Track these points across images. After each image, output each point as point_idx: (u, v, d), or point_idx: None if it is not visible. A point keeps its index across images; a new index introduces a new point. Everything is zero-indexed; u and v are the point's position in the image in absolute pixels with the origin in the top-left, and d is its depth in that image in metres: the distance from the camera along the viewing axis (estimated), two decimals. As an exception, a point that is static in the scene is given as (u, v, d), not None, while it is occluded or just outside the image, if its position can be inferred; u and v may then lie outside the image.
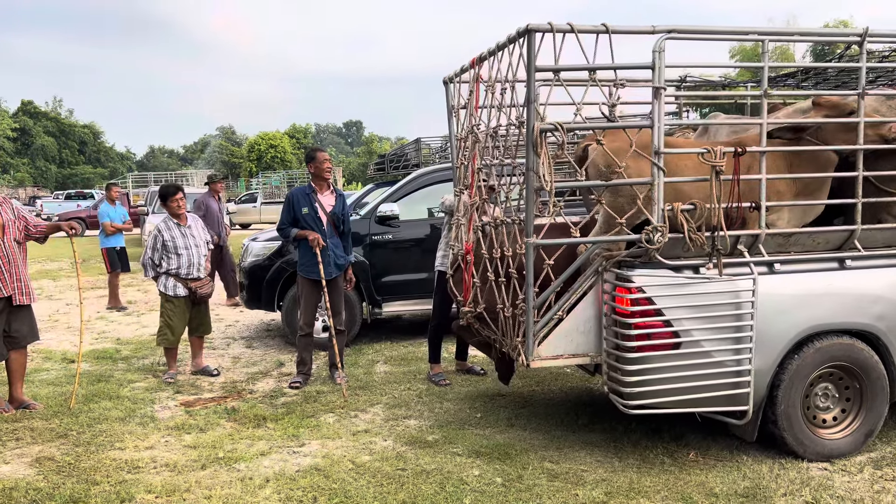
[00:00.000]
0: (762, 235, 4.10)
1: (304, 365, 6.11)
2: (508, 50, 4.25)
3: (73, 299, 10.87)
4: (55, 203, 35.72)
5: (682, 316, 3.97)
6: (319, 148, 6.33)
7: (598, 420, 4.98)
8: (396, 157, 14.10)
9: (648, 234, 3.90)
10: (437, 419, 5.12)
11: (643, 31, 3.93)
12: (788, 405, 4.12)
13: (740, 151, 4.02)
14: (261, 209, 28.33)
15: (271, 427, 5.00)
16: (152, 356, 7.18)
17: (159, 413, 5.37)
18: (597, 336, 4.16)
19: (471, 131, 5.06)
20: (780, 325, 4.08)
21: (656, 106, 3.90)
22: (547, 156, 3.91)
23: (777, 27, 17.24)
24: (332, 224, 6.02)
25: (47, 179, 70.14)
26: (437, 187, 7.76)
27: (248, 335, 8.29)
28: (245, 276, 7.80)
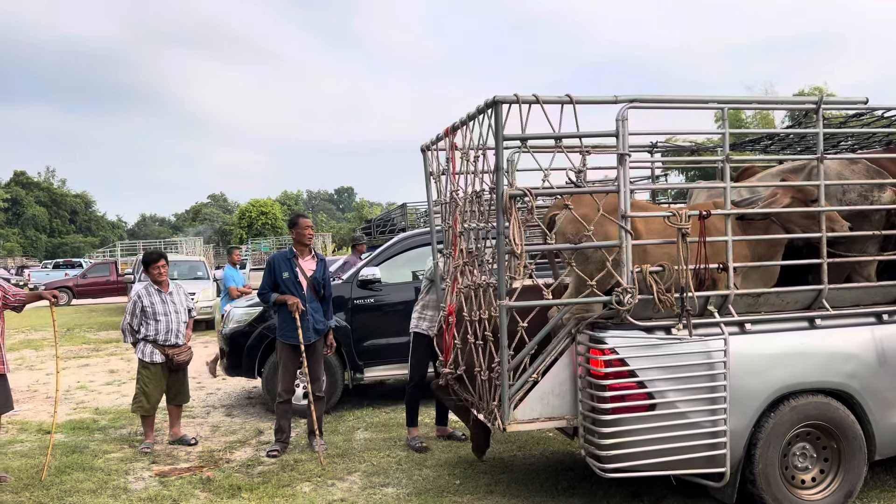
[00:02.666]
0: (731, 296, 4.16)
1: (282, 433, 6.02)
2: (478, 120, 4.41)
3: (53, 369, 10.73)
4: (43, 272, 35.59)
5: (656, 377, 3.98)
6: (302, 214, 6.42)
7: (578, 485, 4.91)
8: (383, 222, 14.28)
9: (619, 295, 3.96)
10: (416, 487, 5.04)
11: (606, 101, 4.10)
12: (766, 464, 4.10)
13: (705, 214, 4.13)
14: (249, 275, 28.27)
15: (246, 497, 4.90)
16: (130, 426, 7.07)
17: (133, 484, 5.26)
18: (573, 398, 4.15)
19: (450, 197, 5.18)
20: (754, 385, 4.10)
21: (621, 172, 4.03)
22: (517, 220, 4.00)
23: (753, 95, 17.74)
24: (312, 289, 6.05)
25: (37, 248, 70.11)
26: (420, 251, 7.84)
27: (229, 403, 8.19)
28: (226, 343, 7.75)
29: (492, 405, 4.19)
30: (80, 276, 26.19)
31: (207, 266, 18.79)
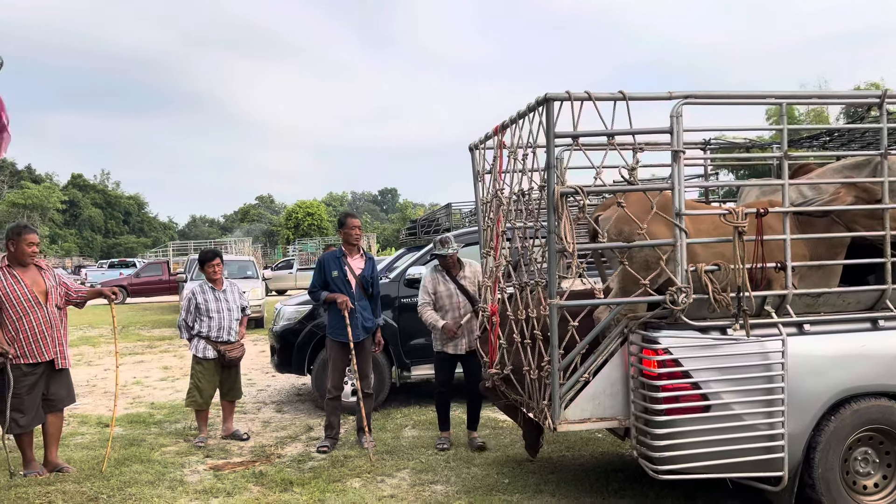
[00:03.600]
0: (789, 296, 4.06)
1: (332, 429, 6.10)
2: (529, 118, 4.39)
3: (111, 365, 11.08)
4: (99, 272, 36.79)
5: (711, 378, 3.91)
6: (351, 213, 6.49)
7: (629, 486, 4.85)
8: (427, 222, 14.32)
9: (673, 295, 3.90)
10: (464, 484, 5.05)
11: (660, 98, 4.04)
12: (826, 469, 3.98)
13: (762, 212, 4.03)
14: (296, 275, 28.74)
15: (297, 491, 4.98)
16: (184, 421, 7.25)
17: (188, 477, 5.39)
18: (624, 399, 4.10)
19: (495, 195, 5.17)
20: (814, 387, 3.98)
21: (676, 169, 3.96)
22: (568, 218, 3.97)
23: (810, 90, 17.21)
24: (360, 287, 6.12)
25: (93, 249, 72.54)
26: (466, 250, 7.85)
27: (279, 399, 8.33)
28: (276, 340, 7.90)
29: (542, 404, 4.16)
30: (134, 276, 26.97)
31: (257, 265, 19.16)
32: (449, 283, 5.94)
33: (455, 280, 5.95)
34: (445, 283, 5.96)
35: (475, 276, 5.93)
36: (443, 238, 6.00)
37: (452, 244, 5.95)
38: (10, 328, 5.15)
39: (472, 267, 6.00)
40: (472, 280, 5.95)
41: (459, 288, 5.92)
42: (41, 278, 5.35)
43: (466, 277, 5.96)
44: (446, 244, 5.93)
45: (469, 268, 6.00)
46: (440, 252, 5.93)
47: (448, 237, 6.03)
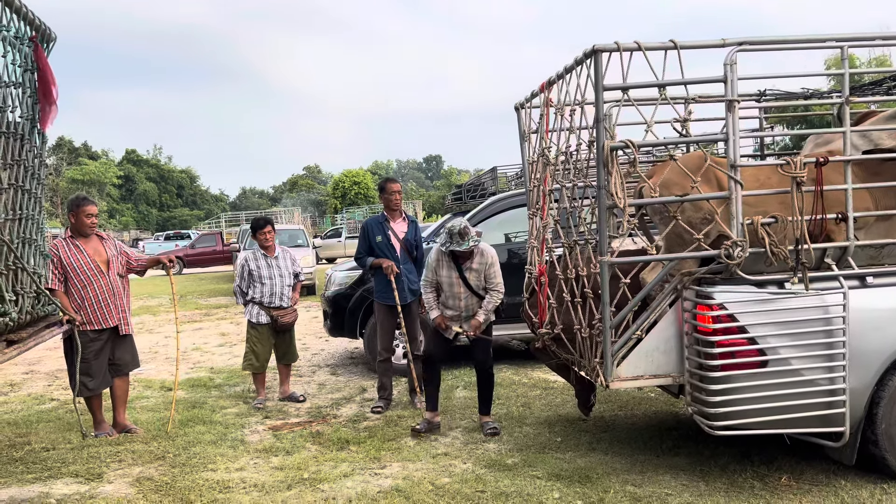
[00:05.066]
0: (851, 247, 3.92)
1: (385, 390, 6.21)
2: (576, 72, 4.30)
3: (171, 332, 11.48)
4: (156, 244, 37.89)
5: (768, 333, 3.82)
6: (391, 178, 6.51)
7: (683, 444, 4.82)
8: (473, 187, 14.26)
9: (728, 249, 3.81)
10: (517, 443, 5.09)
11: (713, 45, 3.90)
12: (890, 424, 3.88)
13: (822, 161, 3.88)
14: (345, 243, 29.12)
15: (354, 450, 5.10)
16: (243, 384, 7.48)
17: (249, 437, 5.58)
18: (678, 356, 4.05)
19: (541, 154, 5.10)
20: (877, 342, 3.87)
21: (730, 119, 3.84)
22: (619, 174, 3.90)
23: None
24: (405, 250, 6.16)
25: (149, 222, 74.72)
26: (512, 213, 7.81)
27: (333, 363, 8.51)
28: (328, 305, 8.04)
29: (594, 362, 4.15)
30: (189, 247, 27.72)
31: (307, 234, 19.46)
32: (453, 269, 5.31)
33: (459, 268, 5.31)
34: (449, 269, 5.33)
35: (483, 266, 5.28)
36: (461, 229, 5.12)
37: (470, 238, 5.16)
38: (75, 296, 5.36)
39: (482, 257, 5.27)
40: (479, 272, 5.29)
41: (462, 278, 5.32)
42: (103, 248, 5.54)
43: (473, 270, 5.29)
44: (465, 237, 5.12)
45: (479, 258, 5.27)
46: (456, 248, 5.15)
47: (467, 228, 5.16)
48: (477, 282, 5.33)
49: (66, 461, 4.96)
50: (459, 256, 5.27)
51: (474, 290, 5.35)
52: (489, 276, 5.30)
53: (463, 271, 5.32)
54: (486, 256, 5.29)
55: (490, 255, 5.29)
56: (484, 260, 5.28)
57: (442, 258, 5.35)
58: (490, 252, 5.31)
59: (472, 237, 5.17)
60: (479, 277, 5.31)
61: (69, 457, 5.05)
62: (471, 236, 5.16)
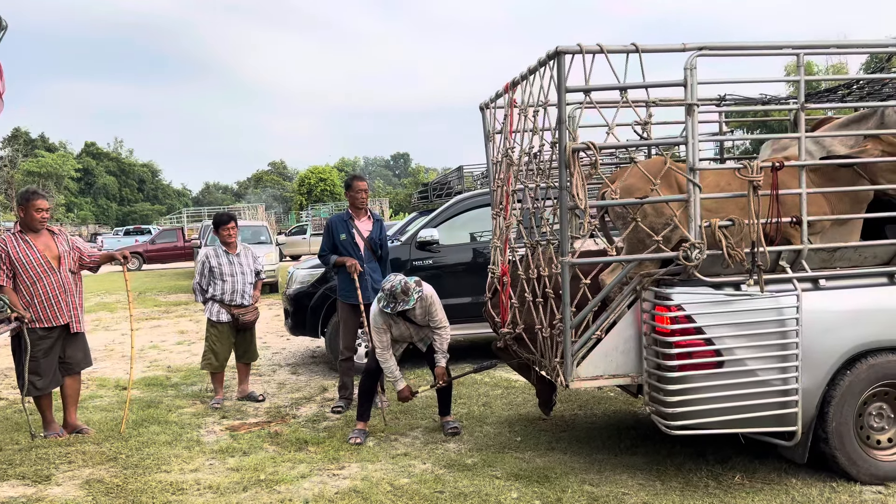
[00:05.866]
0: (805, 251, 4.00)
1: (346, 389, 6.16)
2: (539, 73, 4.30)
3: (128, 329, 11.20)
4: (115, 239, 37.08)
5: (724, 334, 3.88)
6: (357, 176, 6.46)
7: (641, 443, 4.87)
8: (439, 185, 14.26)
9: (686, 251, 3.85)
10: (477, 443, 5.09)
11: (674, 49, 3.93)
12: (840, 422, 3.97)
13: (778, 166, 3.95)
14: (310, 241, 28.84)
15: (312, 450, 5.04)
16: (201, 383, 7.34)
17: (205, 437, 5.47)
18: (637, 356, 4.09)
19: (505, 154, 5.10)
20: (828, 343, 3.95)
21: (690, 123, 3.88)
22: (580, 175, 3.91)
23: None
24: (369, 249, 6.11)
25: (108, 217, 73.12)
26: (478, 212, 7.81)
27: (294, 362, 8.41)
28: (290, 303, 7.94)
29: (554, 362, 4.16)
30: (150, 243, 27.18)
31: (270, 231, 19.23)
32: (400, 321, 5.27)
33: (404, 316, 5.24)
34: (396, 324, 5.28)
35: (425, 308, 5.20)
36: (403, 287, 4.97)
37: (414, 292, 5.02)
38: (24, 293, 5.20)
39: (422, 301, 5.15)
40: (422, 313, 5.23)
41: (409, 322, 5.29)
42: (53, 243, 5.38)
43: (417, 314, 5.23)
44: (408, 293, 4.99)
45: (420, 303, 5.13)
46: (405, 307, 5.03)
47: (407, 284, 5.01)
48: (423, 321, 5.31)
49: (13, 462, 4.81)
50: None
51: (421, 325, 5.34)
52: (431, 316, 5.26)
53: (408, 318, 5.27)
54: (425, 300, 5.19)
55: (429, 297, 5.21)
56: (425, 303, 5.20)
57: (385, 316, 5.20)
58: (428, 293, 5.21)
59: (414, 290, 5.04)
60: (424, 317, 5.28)
61: (16, 458, 4.90)
62: (413, 289, 5.04)
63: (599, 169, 3.97)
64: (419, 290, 5.12)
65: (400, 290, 4.99)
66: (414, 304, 5.05)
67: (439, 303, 5.30)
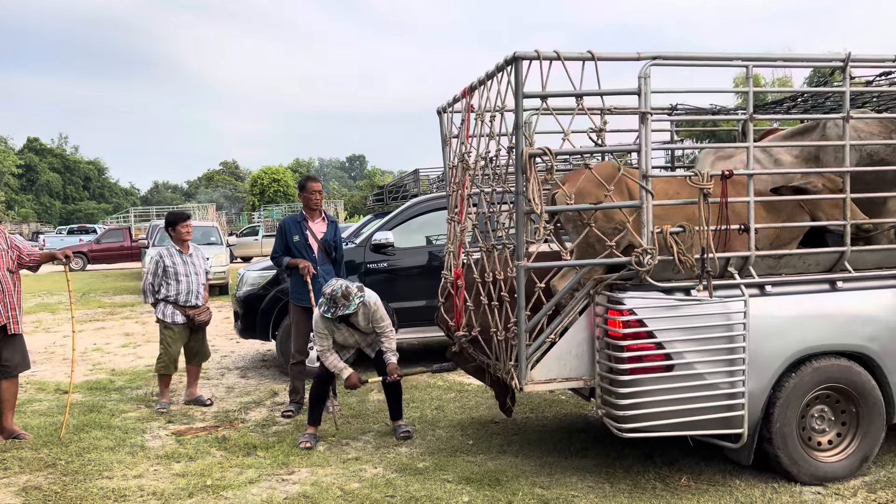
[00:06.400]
0: (752, 257, 4.10)
1: (297, 393, 6.06)
2: (497, 78, 4.32)
3: (70, 331, 10.84)
4: (58, 238, 35.84)
5: (675, 338, 3.95)
6: (312, 177, 6.38)
7: (590, 446, 4.92)
8: (395, 188, 14.20)
9: (638, 256, 3.91)
10: (429, 446, 5.07)
11: (628, 58, 3.99)
12: (784, 424, 4.08)
13: (728, 174, 4.05)
14: (262, 242, 28.38)
15: (261, 455, 4.94)
16: (146, 387, 7.14)
17: (150, 442, 5.32)
18: (590, 359, 4.13)
19: (461, 159, 5.11)
20: (774, 347, 4.06)
21: (643, 131, 3.94)
22: (536, 180, 3.94)
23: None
24: (323, 251, 6.03)
25: (51, 215, 70.62)
26: (434, 215, 7.80)
27: (243, 365, 8.25)
28: (240, 305, 7.79)
29: (509, 365, 4.17)
30: (95, 242, 26.37)
31: (220, 231, 18.87)
32: (342, 326, 5.23)
33: (347, 321, 5.19)
34: (339, 329, 5.24)
35: (368, 314, 5.17)
36: (343, 292, 4.94)
37: (355, 297, 4.99)
38: (-41, 292, 4.97)
39: (365, 308, 5.13)
40: (366, 318, 5.20)
41: (353, 327, 5.26)
42: (-9, 240, 5.15)
43: (360, 320, 5.19)
44: (349, 297, 4.95)
45: (363, 309, 5.12)
46: (347, 312, 4.98)
47: (348, 288, 4.98)
48: (367, 328, 5.26)
49: (-57, 470, 4.59)
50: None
51: (367, 332, 5.30)
52: (376, 322, 5.22)
53: (351, 324, 5.22)
54: (368, 306, 5.14)
55: (372, 303, 5.17)
56: (367, 310, 5.15)
57: (327, 322, 5.13)
58: (370, 299, 5.17)
59: (356, 294, 4.99)
60: (367, 321, 5.22)
61: (-54, 465, 4.67)
62: (354, 294, 4.99)
63: (554, 174, 4.01)
64: (361, 295, 5.06)
65: (340, 295, 4.93)
66: (355, 308, 4.99)
67: (384, 309, 5.27)
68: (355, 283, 5.15)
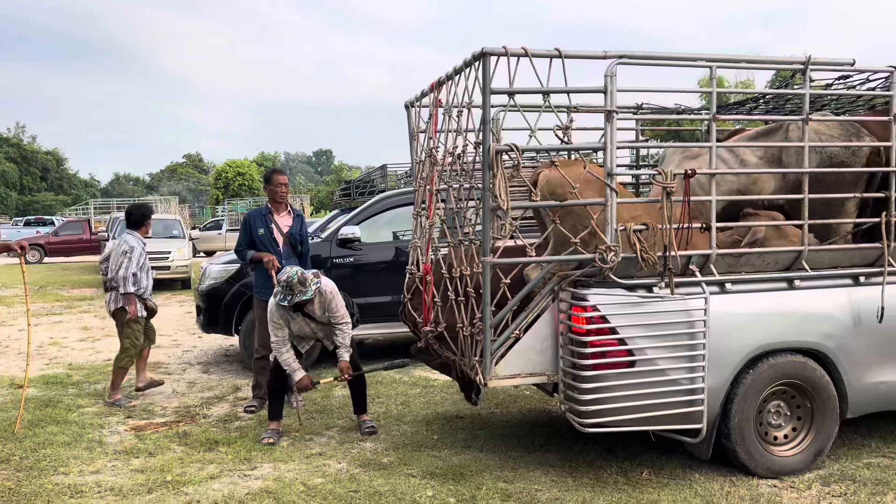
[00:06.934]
0: (713, 255, 4.17)
1: (260, 389, 5.99)
2: (465, 74, 4.32)
3: (25, 324, 10.55)
4: (14, 230, 34.82)
5: (637, 334, 4.00)
6: (278, 170, 6.31)
7: (554, 441, 4.97)
8: (363, 183, 14.14)
9: (602, 253, 3.95)
10: (394, 441, 5.06)
11: (595, 57, 4.03)
12: (742, 419, 4.16)
13: (691, 173, 4.11)
14: (226, 236, 27.96)
15: (223, 451, 4.88)
16: (104, 381, 6.98)
17: (108, 438, 5.21)
18: (553, 355, 4.16)
19: (429, 154, 5.10)
20: (733, 344, 4.14)
21: (608, 129, 3.98)
22: (503, 176, 3.95)
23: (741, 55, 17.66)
24: (288, 245, 5.97)
25: (7, 206, 68.65)
26: (400, 210, 7.78)
27: (206, 360, 8.13)
28: (202, 300, 7.67)
29: (474, 360, 4.18)
30: (52, 234, 25.72)
31: (183, 225, 18.55)
32: (297, 316, 5.13)
33: (303, 311, 5.12)
34: (294, 319, 5.14)
35: (324, 303, 5.11)
36: (300, 278, 4.87)
37: (311, 283, 4.93)
38: None
39: (321, 296, 5.07)
40: (322, 308, 5.12)
41: (308, 318, 5.17)
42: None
43: (316, 310, 5.11)
44: (305, 284, 4.89)
45: (318, 297, 5.06)
46: (303, 298, 4.90)
47: (304, 275, 4.92)
48: (323, 318, 5.18)
49: None
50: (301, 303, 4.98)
51: (323, 323, 5.22)
52: (332, 312, 5.15)
53: (307, 314, 5.14)
54: (324, 294, 5.08)
55: (328, 291, 5.11)
56: (324, 299, 5.09)
57: (282, 311, 5.05)
58: (327, 287, 5.12)
59: (312, 281, 4.95)
60: (323, 312, 5.15)
61: None
62: (311, 280, 4.94)
63: (522, 171, 4.03)
64: (317, 281, 5.02)
65: (297, 281, 4.86)
66: (312, 295, 4.93)
67: (340, 298, 5.21)
68: (311, 270, 5.10)
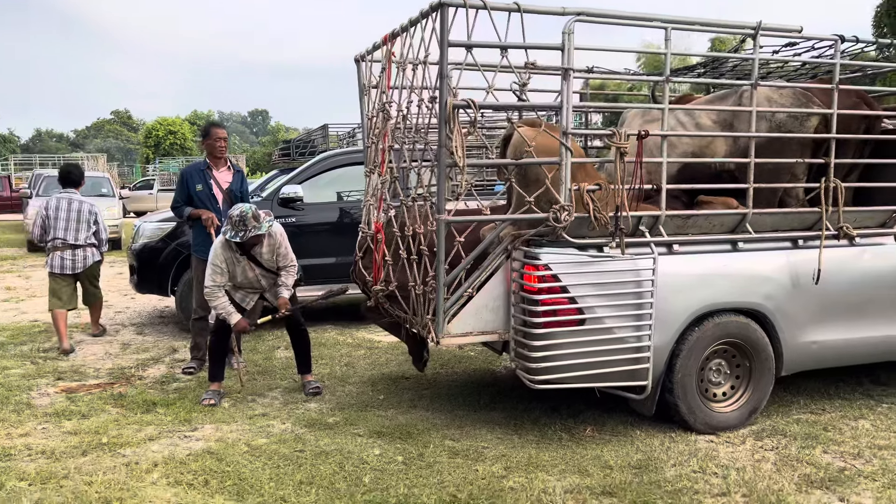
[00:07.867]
0: (662, 216, 4.22)
1: (199, 350, 5.80)
2: (421, 25, 4.18)
3: (-60, 284, 9.95)
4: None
5: (587, 293, 4.03)
6: (216, 123, 6.04)
7: (499, 400, 5.00)
8: (303, 143, 13.82)
9: (556, 212, 3.94)
10: (339, 402, 4.99)
11: (553, 12, 3.96)
12: (685, 374, 4.27)
13: (643, 135, 4.13)
14: (157, 197, 26.97)
15: (161, 412, 4.72)
16: (31, 342, 6.66)
17: (37, 400, 4.96)
18: (505, 313, 4.15)
19: (381, 109, 4.96)
20: (678, 304, 4.22)
21: (564, 88, 3.94)
22: (460, 132, 3.87)
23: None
24: (228, 202, 5.74)
25: (-86, 161, 64.24)
26: (346, 170, 7.61)
27: (140, 321, 7.83)
28: (136, 259, 7.35)
29: (426, 319, 4.13)
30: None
31: (112, 183, 17.77)
32: (243, 259, 4.99)
33: (250, 255, 4.99)
34: (238, 261, 4.98)
35: (273, 247, 5.01)
36: (254, 213, 4.75)
37: (265, 221, 4.84)
38: None
39: (271, 238, 4.98)
40: (270, 253, 5.03)
41: (255, 263, 5.03)
42: None
43: (264, 253, 5.01)
44: (259, 220, 4.77)
45: (269, 240, 4.97)
46: (257, 233, 4.77)
47: (257, 211, 4.81)
48: (270, 262, 5.07)
49: None
50: (248, 243, 4.83)
51: (269, 270, 5.09)
52: (280, 255, 5.04)
53: (253, 257, 4.99)
54: (274, 237, 4.99)
55: (278, 234, 5.02)
56: (273, 241, 4.99)
57: (228, 252, 4.91)
58: (277, 230, 5.02)
59: (265, 218, 4.84)
60: (272, 258, 5.05)
61: None
62: (264, 217, 4.83)
63: (478, 129, 3.95)
64: (270, 220, 4.91)
65: (251, 216, 4.72)
66: (265, 230, 4.80)
67: (287, 241, 5.10)
68: (262, 210, 4.95)
